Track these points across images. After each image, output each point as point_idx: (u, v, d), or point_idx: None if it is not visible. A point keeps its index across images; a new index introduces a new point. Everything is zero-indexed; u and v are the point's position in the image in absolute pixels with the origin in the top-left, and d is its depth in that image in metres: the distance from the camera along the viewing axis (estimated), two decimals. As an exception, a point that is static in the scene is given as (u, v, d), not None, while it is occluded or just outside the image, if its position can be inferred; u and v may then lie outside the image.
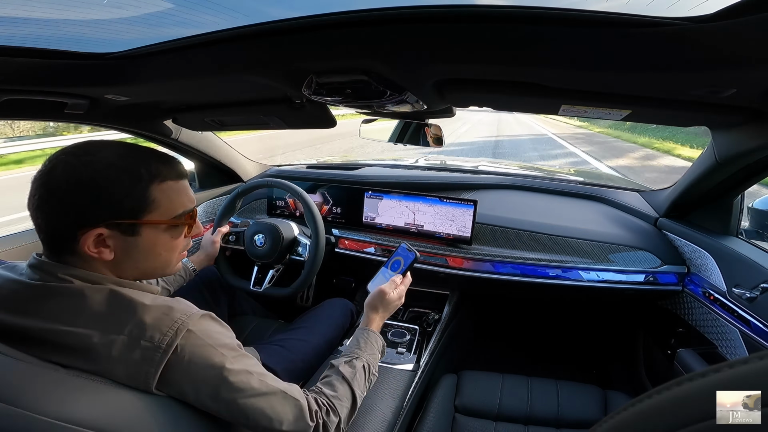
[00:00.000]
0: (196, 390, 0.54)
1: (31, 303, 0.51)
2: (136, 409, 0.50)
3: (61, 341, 0.49)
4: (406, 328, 1.23)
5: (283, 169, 1.79)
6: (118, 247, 0.55)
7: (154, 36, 0.68)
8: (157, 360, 0.50)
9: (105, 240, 0.54)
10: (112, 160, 0.53)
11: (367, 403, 0.89)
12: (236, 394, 0.56)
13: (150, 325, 0.51)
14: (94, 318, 0.51)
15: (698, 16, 0.45)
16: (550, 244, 1.25)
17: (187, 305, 0.58)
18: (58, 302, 0.51)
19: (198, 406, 0.56)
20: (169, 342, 0.51)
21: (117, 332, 0.50)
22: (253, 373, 0.59)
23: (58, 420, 0.43)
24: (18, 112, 0.92)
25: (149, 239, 0.57)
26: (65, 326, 0.50)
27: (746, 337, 0.93)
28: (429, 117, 1.15)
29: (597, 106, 0.75)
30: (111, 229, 0.54)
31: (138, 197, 0.54)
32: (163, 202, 0.56)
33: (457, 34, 0.56)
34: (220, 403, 0.56)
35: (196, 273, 1.14)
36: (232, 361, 0.57)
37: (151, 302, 0.54)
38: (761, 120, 0.73)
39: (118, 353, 0.50)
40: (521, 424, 0.97)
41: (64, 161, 0.52)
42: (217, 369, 0.55)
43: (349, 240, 1.41)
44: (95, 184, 0.52)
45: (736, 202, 1.09)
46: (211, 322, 0.59)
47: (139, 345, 0.50)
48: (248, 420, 0.58)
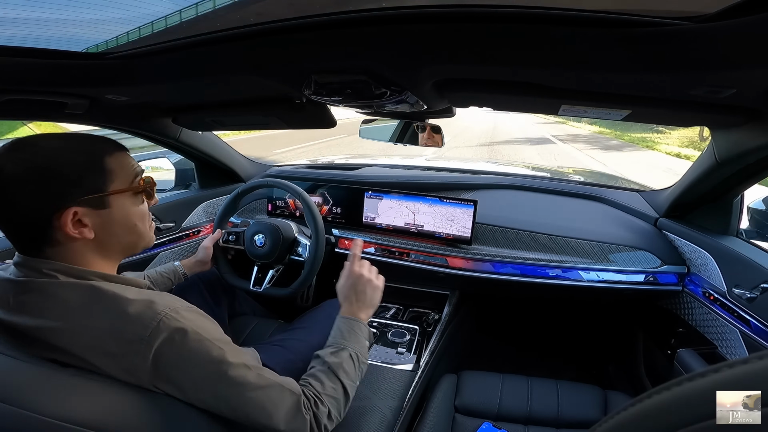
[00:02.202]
0: (195, 385, 0.55)
1: (18, 300, 0.52)
2: (135, 407, 0.51)
3: (51, 339, 0.50)
4: (406, 328, 1.23)
5: (283, 169, 1.79)
6: (96, 225, 0.57)
7: (154, 36, 0.68)
8: (143, 353, 0.50)
9: (81, 219, 0.55)
10: (58, 144, 0.55)
11: (367, 403, 0.89)
12: (236, 388, 0.57)
13: (134, 319, 0.51)
14: (80, 314, 0.51)
15: (698, 16, 0.45)
16: (550, 244, 1.25)
17: (172, 298, 0.58)
18: (44, 299, 0.52)
19: (197, 403, 0.56)
20: (153, 334, 0.51)
21: (103, 327, 0.51)
22: (251, 367, 0.60)
23: (58, 420, 0.43)
24: (18, 112, 0.92)
25: (120, 210, 0.59)
26: (53, 323, 0.50)
27: (746, 337, 0.93)
28: (429, 117, 1.15)
29: (597, 106, 0.75)
30: (83, 206, 0.55)
31: (97, 171, 0.57)
32: (119, 171, 0.59)
33: (457, 34, 0.56)
34: (220, 399, 0.57)
35: (187, 277, 1.13)
36: (230, 354, 0.57)
37: (135, 296, 0.54)
38: (761, 120, 0.73)
39: (106, 348, 0.50)
40: (521, 424, 0.97)
41: (8, 158, 0.52)
42: (215, 363, 0.56)
43: (349, 240, 1.41)
44: (53, 168, 0.53)
45: (736, 202, 1.09)
46: (201, 317, 0.59)
47: (124, 339, 0.50)
48: (248, 415, 0.58)
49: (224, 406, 0.57)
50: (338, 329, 0.81)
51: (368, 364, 1.04)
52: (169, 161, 1.63)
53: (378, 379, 0.98)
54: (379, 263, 1.39)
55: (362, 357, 0.79)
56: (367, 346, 0.82)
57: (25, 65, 0.72)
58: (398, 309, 1.41)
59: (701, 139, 13.05)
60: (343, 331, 0.80)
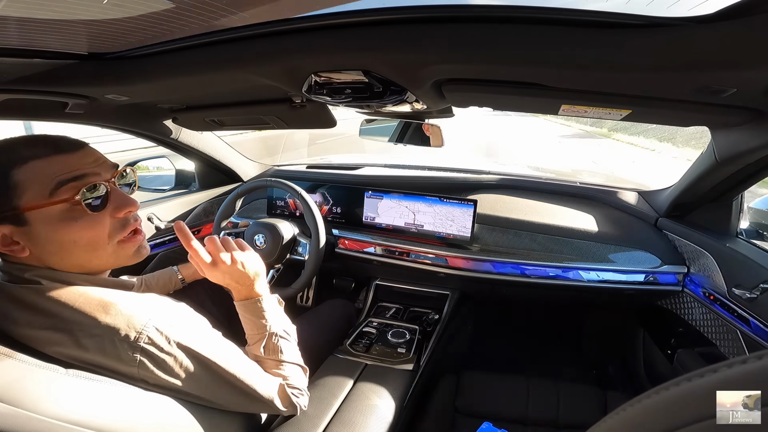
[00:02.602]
0: (191, 382, 0.55)
1: (2, 306, 0.51)
2: (135, 407, 0.51)
3: (38, 346, 0.50)
4: (406, 328, 1.23)
5: (283, 169, 1.79)
6: (28, 242, 0.52)
7: (154, 36, 0.68)
8: (129, 358, 0.50)
9: (10, 237, 0.51)
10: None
11: (367, 403, 0.89)
12: (230, 379, 0.59)
13: (122, 326, 0.50)
14: (65, 321, 0.50)
15: (698, 16, 0.45)
16: (550, 244, 1.25)
17: (162, 301, 0.57)
18: (28, 305, 0.50)
19: (193, 400, 0.57)
20: (140, 340, 0.50)
21: (90, 336, 0.49)
22: (241, 358, 0.62)
23: (58, 420, 0.44)
24: (18, 112, 0.92)
25: (43, 227, 0.51)
26: (38, 331, 0.50)
27: (746, 337, 0.93)
28: (429, 117, 1.15)
29: (597, 106, 0.75)
30: (3, 224, 0.50)
31: (3, 186, 0.49)
32: (30, 183, 0.50)
33: (457, 35, 0.56)
34: (219, 399, 0.58)
35: (185, 284, 1.09)
36: (220, 348, 0.59)
37: (122, 301, 0.52)
38: (761, 120, 0.73)
39: (94, 356, 0.49)
40: (521, 424, 0.98)
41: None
42: (210, 364, 0.57)
43: (349, 240, 1.41)
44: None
45: (736, 202, 1.09)
46: (185, 320, 0.58)
47: (114, 343, 0.49)
48: (246, 407, 0.62)
49: (222, 399, 0.60)
50: (255, 318, 0.70)
51: (368, 364, 1.04)
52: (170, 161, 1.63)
53: (378, 379, 0.98)
54: (379, 263, 1.40)
55: (287, 329, 0.73)
56: (281, 310, 0.75)
57: (25, 65, 0.72)
58: (398, 309, 1.41)
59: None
60: (267, 316, 0.70)
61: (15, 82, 0.78)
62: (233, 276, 0.67)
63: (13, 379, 0.44)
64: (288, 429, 0.77)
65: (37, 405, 0.43)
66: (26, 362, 0.46)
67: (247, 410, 0.65)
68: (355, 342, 1.16)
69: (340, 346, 1.13)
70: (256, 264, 0.70)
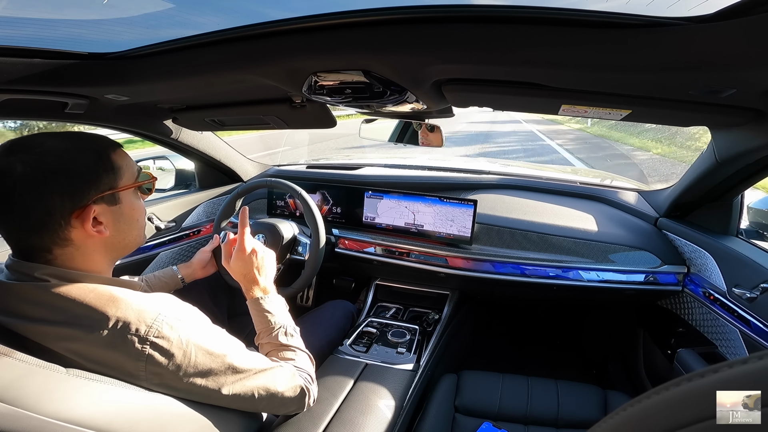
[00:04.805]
0: (199, 377, 0.55)
1: (10, 304, 0.51)
2: (135, 407, 0.51)
3: (45, 342, 0.50)
4: (406, 328, 1.23)
5: (283, 169, 1.79)
6: (108, 222, 0.57)
7: (154, 36, 0.68)
8: (136, 356, 0.50)
9: (97, 217, 0.55)
10: (65, 144, 0.54)
11: (367, 403, 0.90)
12: (242, 379, 0.60)
13: (133, 320, 0.51)
14: (75, 317, 0.51)
15: (698, 16, 0.45)
16: (550, 244, 1.25)
17: (170, 299, 0.58)
18: (36, 303, 0.51)
19: (198, 399, 0.57)
20: (150, 334, 0.51)
21: (100, 330, 0.50)
22: (248, 352, 0.64)
23: (57, 420, 0.44)
24: (18, 112, 0.92)
25: (128, 206, 0.60)
26: (46, 326, 0.50)
27: (746, 337, 0.93)
28: (429, 117, 1.15)
29: (597, 106, 0.75)
30: (98, 204, 0.55)
31: (108, 168, 0.57)
32: (124, 167, 0.59)
33: (457, 35, 0.56)
34: (229, 394, 0.59)
35: (185, 284, 1.10)
36: (227, 342, 0.61)
37: (131, 297, 0.54)
38: (761, 120, 0.73)
39: (103, 351, 0.50)
40: (521, 424, 0.98)
41: (17, 159, 0.50)
42: (219, 358, 0.57)
43: (349, 240, 1.41)
44: (69, 167, 0.53)
45: (736, 202, 1.09)
46: (193, 320, 0.59)
47: (124, 341, 0.50)
48: (256, 402, 0.63)
49: (233, 400, 0.60)
50: (262, 316, 0.80)
51: (368, 364, 1.04)
52: (170, 161, 1.63)
53: (378, 379, 0.98)
54: (379, 263, 1.40)
55: (290, 329, 0.81)
56: (285, 309, 0.85)
57: (25, 65, 0.72)
58: (398, 309, 1.41)
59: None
60: (269, 315, 0.80)
61: (15, 82, 0.78)
62: (253, 265, 0.82)
63: (13, 379, 0.43)
64: (288, 429, 0.77)
65: (37, 404, 0.43)
66: (26, 361, 0.46)
67: (255, 406, 0.65)
68: (355, 342, 1.16)
69: (340, 346, 1.13)
70: (272, 261, 0.88)
